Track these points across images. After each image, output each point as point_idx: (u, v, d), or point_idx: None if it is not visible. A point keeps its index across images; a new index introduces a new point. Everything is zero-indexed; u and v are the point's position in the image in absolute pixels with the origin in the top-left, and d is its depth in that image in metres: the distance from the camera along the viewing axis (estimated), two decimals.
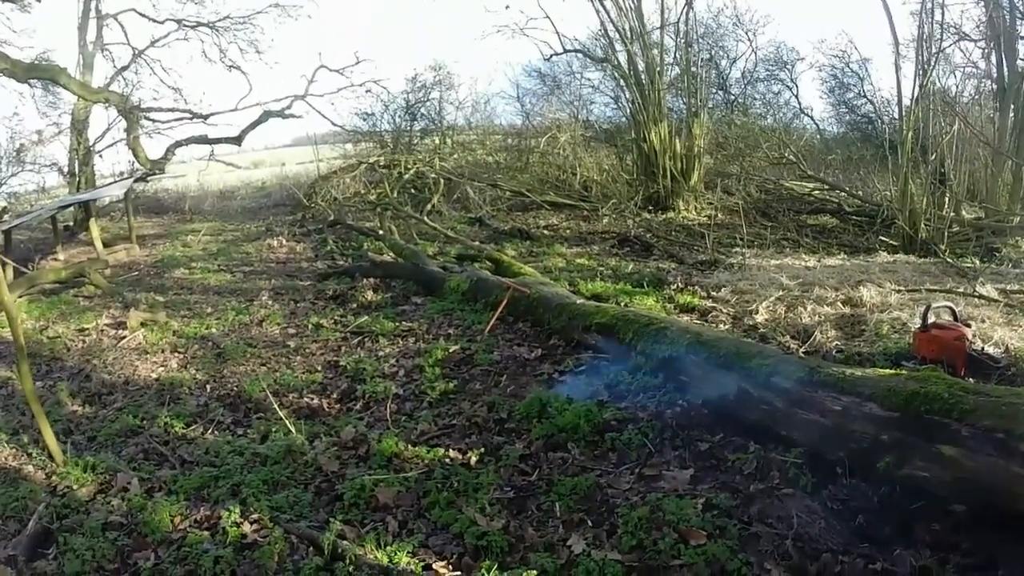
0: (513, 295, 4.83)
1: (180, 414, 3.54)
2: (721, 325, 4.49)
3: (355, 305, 5.69)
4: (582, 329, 4.09)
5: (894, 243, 7.53)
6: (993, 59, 9.78)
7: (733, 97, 14.84)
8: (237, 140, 12.12)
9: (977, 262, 6.22)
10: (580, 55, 12.94)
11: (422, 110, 14.27)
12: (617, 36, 11.03)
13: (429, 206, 10.49)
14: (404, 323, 4.98)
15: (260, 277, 7.16)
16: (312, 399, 3.73)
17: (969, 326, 3.46)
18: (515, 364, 4.02)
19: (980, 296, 4.57)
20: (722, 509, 2.31)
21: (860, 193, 10.27)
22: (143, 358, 4.57)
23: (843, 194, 10.33)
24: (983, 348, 3.44)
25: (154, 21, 13.15)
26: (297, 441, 3.06)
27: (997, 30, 9.06)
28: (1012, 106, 8.80)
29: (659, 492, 2.45)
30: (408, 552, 2.21)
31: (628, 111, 11.59)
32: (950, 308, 3.55)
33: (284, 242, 9.35)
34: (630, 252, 7.67)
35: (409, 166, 11.85)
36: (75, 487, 2.77)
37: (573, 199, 10.99)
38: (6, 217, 10.10)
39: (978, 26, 9.99)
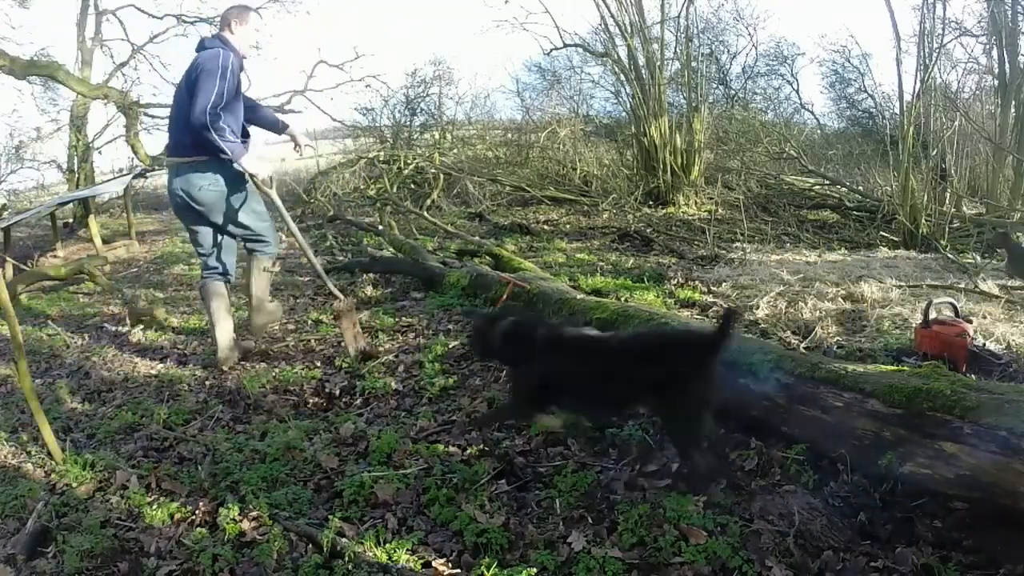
0: (513, 290, 4.82)
1: (179, 411, 3.53)
2: None
3: (354, 300, 5.67)
4: (582, 324, 4.07)
5: (895, 238, 7.53)
6: (994, 55, 9.77)
7: (734, 92, 14.82)
8: None
9: (978, 258, 6.21)
10: (580, 50, 12.91)
11: (422, 105, 14.24)
12: (617, 31, 11.00)
13: (429, 201, 10.47)
14: (404, 318, 4.97)
15: None
16: (311, 395, 3.73)
17: (970, 322, 3.45)
18: None
19: (981, 292, 4.57)
20: (723, 506, 2.30)
21: (861, 188, 10.26)
22: (142, 355, 4.56)
23: (844, 189, 10.32)
24: (984, 344, 3.43)
25: (153, 17, 13.11)
26: (296, 438, 3.05)
27: (999, 26, 9.03)
28: (1013, 102, 8.79)
29: (659, 489, 2.44)
30: (407, 549, 2.20)
31: (628, 106, 11.56)
32: (951, 304, 3.54)
33: (283, 238, 9.31)
34: (630, 247, 7.66)
35: (409, 161, 11.81)
36: (74, 485, 2.76)
37: (573, 194, 10.97)
38: (5, 214, 10.08)
39: (979, 22, 9.98)
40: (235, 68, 3.72)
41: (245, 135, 3.96)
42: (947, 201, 7.74)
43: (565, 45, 12.29)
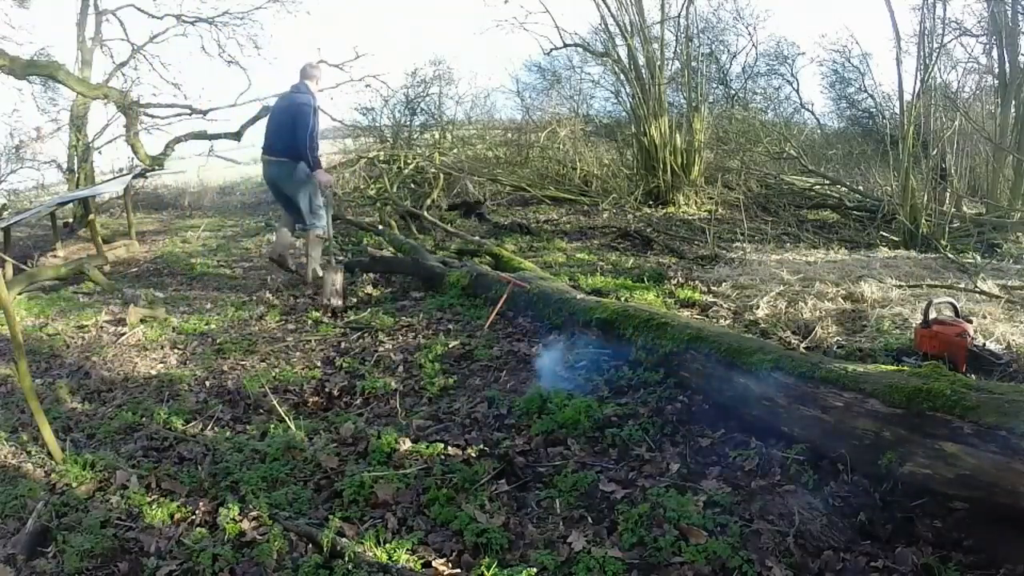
0: (513, 290, 4.82)
1: (179, 411, 3.53)
2: (722, 320, 4.48)
3: (354, 300, 5.68)
4: (582, 324, 4.07)
5: (895, 238, 7.53)
6: (994, 54, 9.78)
7: (733, 92, 14.80)
8: (237, 136, 12.02)
9: (978, 257, 6.21)
10: (580, 49, 12.89)
11: (422, 105, 14.20)
12: (617, 30, 10.99)
13: (429, 201, 10.46)
14: (403, 318, 4.97)
15: (259, 273, 7.15)
16: (311, 395, 3.73)
17: (970, 322, 3.45)
18: (515, 359, 4.01)
19: (981, 292, 4.56)
20: (723, 506, 2.30)
21: (861, 188, 10.26)
22: (142, 355, 4.56)
23: (844, 189, 10.32)
24: (984, 344, 3.43)
25: (153, 17, 13.08)
26: (296, 437, 3.05)
27: (998, 25, 9.03)
28: (1013, 102, 8.78)
29: (659, 489, 2.44)
30: (407, 549, 2.21)
31: (628, 105, 11.56)
32: (951, 304, 3.54)
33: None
34: (630, 247, 7.66)
35: (409, 161, 11.81)
36: (74, 485, 2.76)
37: (573, 194, 10.97)
38: (6, 214, 10.08)
39: (979, 22, 10.00)
40: (317, 110, 5.94)
41: (317, 146, 6.01)
42: (947, 201, 7.73)
43: (565, 45, 12.28)
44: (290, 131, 5.78)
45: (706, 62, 13.17)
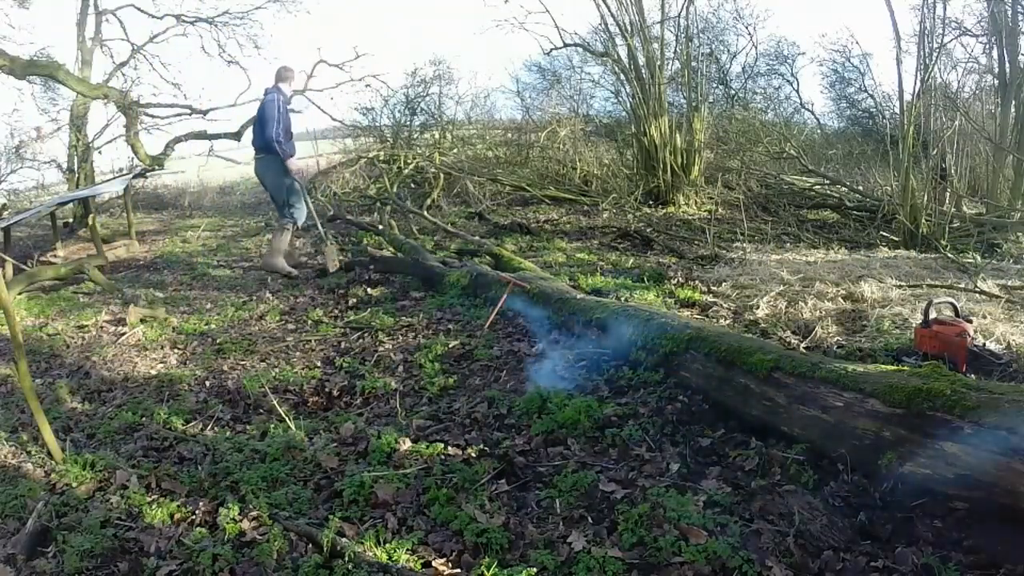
0: (513, 290, 4.82)
1: (179, 411, 3.53)
2: (722, 320, 4.48)
3: (354, 300, 5.69)
4: (583, 324, 4.07)
5: (895, 238, 7.52)
6: (994, 54, 9.78)
7: (733, 92, 14.80)
8: (236, 135, 12.01)
9: (978, 257, 6.21)
10: (580, 49, 12.89)
11: (422, 105, 14.19)
12: (617, 30, 10.99)
13: (429, 201, 10.47)
14: (403, 318, 4.97)
15: (259, 273, 7.15)
16: (311, 395, 3.73)
17: (970, 322, 3.45)
18: (515, 359, 4.01)
19: (981, 292, 4.56)
20: (723, 506, 2.30)
21: (861, 188, 10.25)
22: (142, 355, 4.56)
23: (844, 189, 10.30)
24: (984, 344, 3.43)
25: (153, 17, 13.08)
26: (296, 437, 3.05)
27: (999, 25, 9.03)
28: (1013, 102, 8.78)
29: (659, 489, 2.44)
30: (407, 549, 2.20)
31: (628, 105, 11.54)
32: (951, 304, 3.54)
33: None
34: (630, 247, 7.66)
35: (409, 161, 11.81)
36: (74, 485, 2.76)
37: (573, 194, 10.96)
38: (6, 214, 10.07)
39: (979, 21, 10.00)
40: (284, 104, 6.64)
41: (289, 136, 6.74)
42: (947, 201, 7.73)
43: (565, 45, 12.27)
44: (261, 126, 6.55)
45: (706, 62, 13.17)
